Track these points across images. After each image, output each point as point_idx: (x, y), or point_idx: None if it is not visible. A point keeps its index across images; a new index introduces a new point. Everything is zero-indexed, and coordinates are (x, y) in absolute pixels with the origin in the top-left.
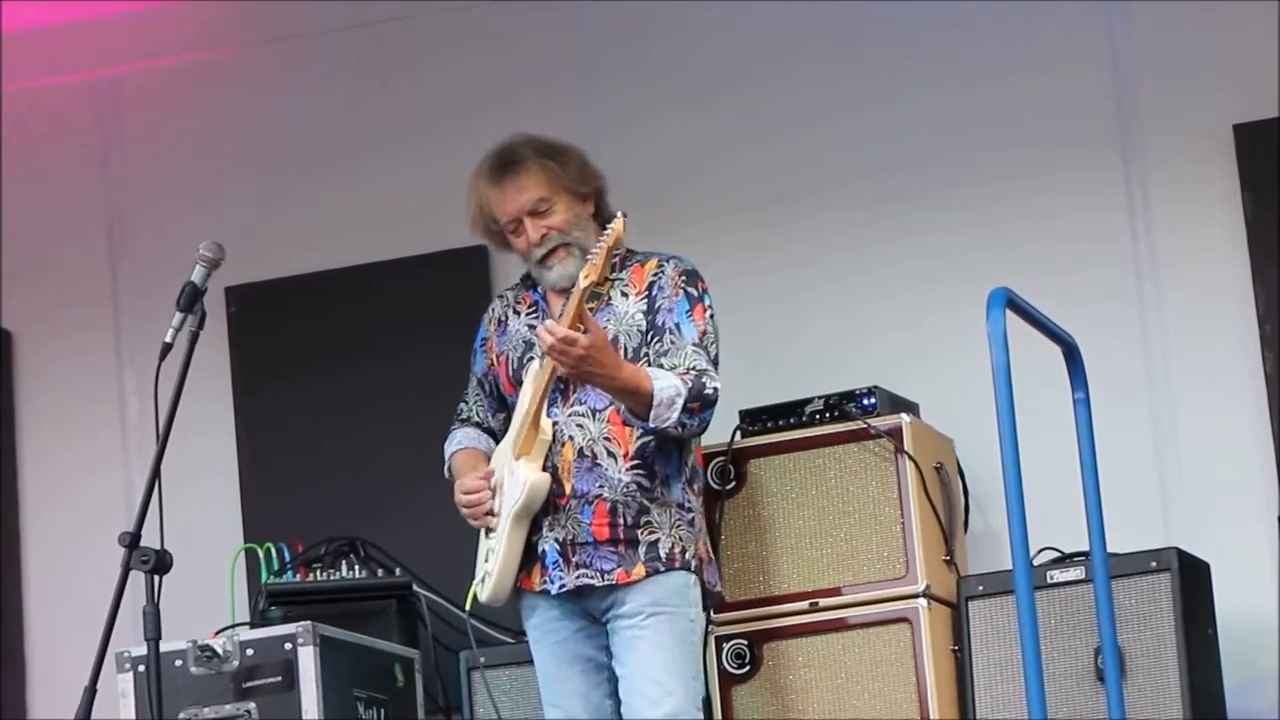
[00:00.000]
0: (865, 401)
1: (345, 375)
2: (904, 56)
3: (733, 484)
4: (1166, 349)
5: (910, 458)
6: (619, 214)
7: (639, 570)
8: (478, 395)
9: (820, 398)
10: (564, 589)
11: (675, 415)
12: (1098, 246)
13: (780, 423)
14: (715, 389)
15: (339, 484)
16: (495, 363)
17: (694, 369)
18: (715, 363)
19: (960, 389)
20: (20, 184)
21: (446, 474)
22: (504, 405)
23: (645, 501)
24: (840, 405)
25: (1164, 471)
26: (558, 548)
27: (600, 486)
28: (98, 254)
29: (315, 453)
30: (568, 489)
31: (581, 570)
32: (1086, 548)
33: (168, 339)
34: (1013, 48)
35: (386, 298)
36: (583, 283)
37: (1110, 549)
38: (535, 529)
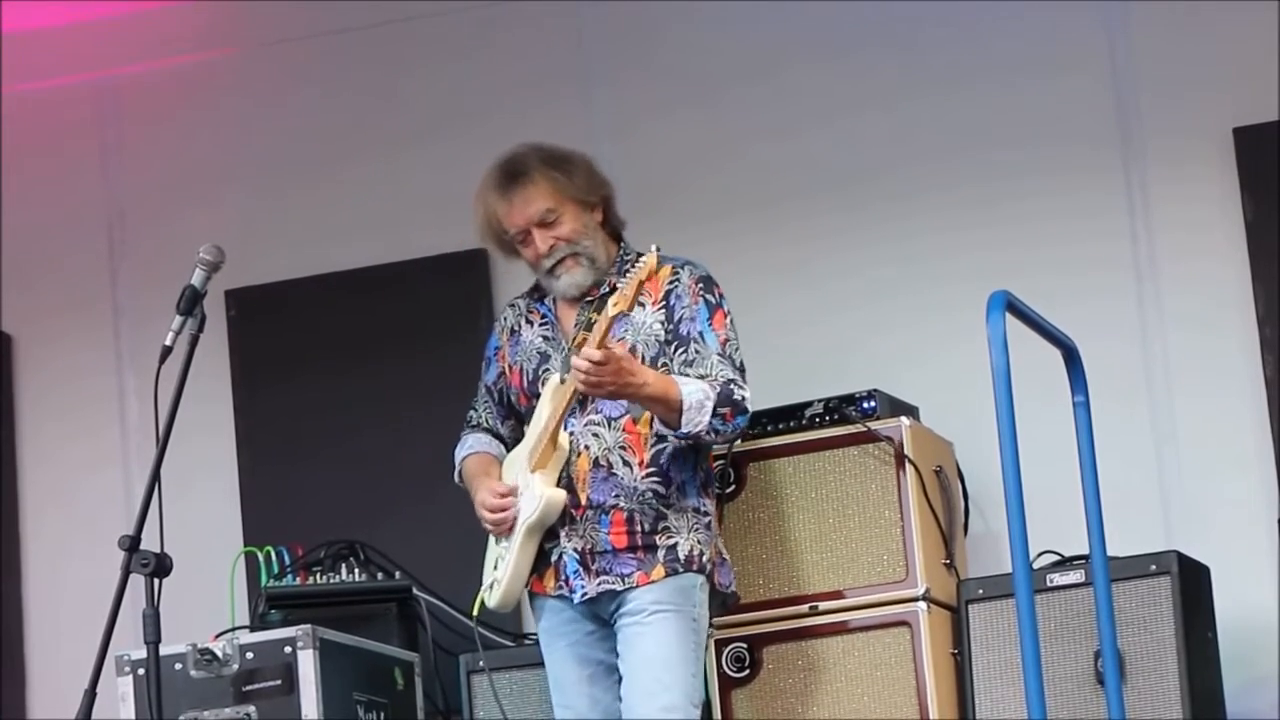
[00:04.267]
0: (865, 405)
1: (345, 378)
2: (904, 58)
3: (732, 487)
4: (1166, 351)
5: (910, 461)
6: (653, 247)
7: (658, 572)
8: (487, 402)
9: (820, 401)
10: (586, 597)
11: (706, 419)
12: (1097, 248)
13: (780, 426)
14: (744, 397)
15: (339, 487)
16: (508, 372)
17: (721, 377)
18: (742, 370)
19: (960, 392)
20: (20, 186)
21: (456, 479)
22: (513, 413)
23: (662, 508)
24: (840, 408)
25: (1164, 474)
26: (577, 557)
27: (616, 496)
28: (98, 256)
29: (315, 456)
30: (583, 499)
31: (602, 577)
32: (1086, 551)
33: (167, 342)
34: (1013, 49)
35: (387, 301)
36: (611, 311)
37: (1110, 552)
38: (550, 537)
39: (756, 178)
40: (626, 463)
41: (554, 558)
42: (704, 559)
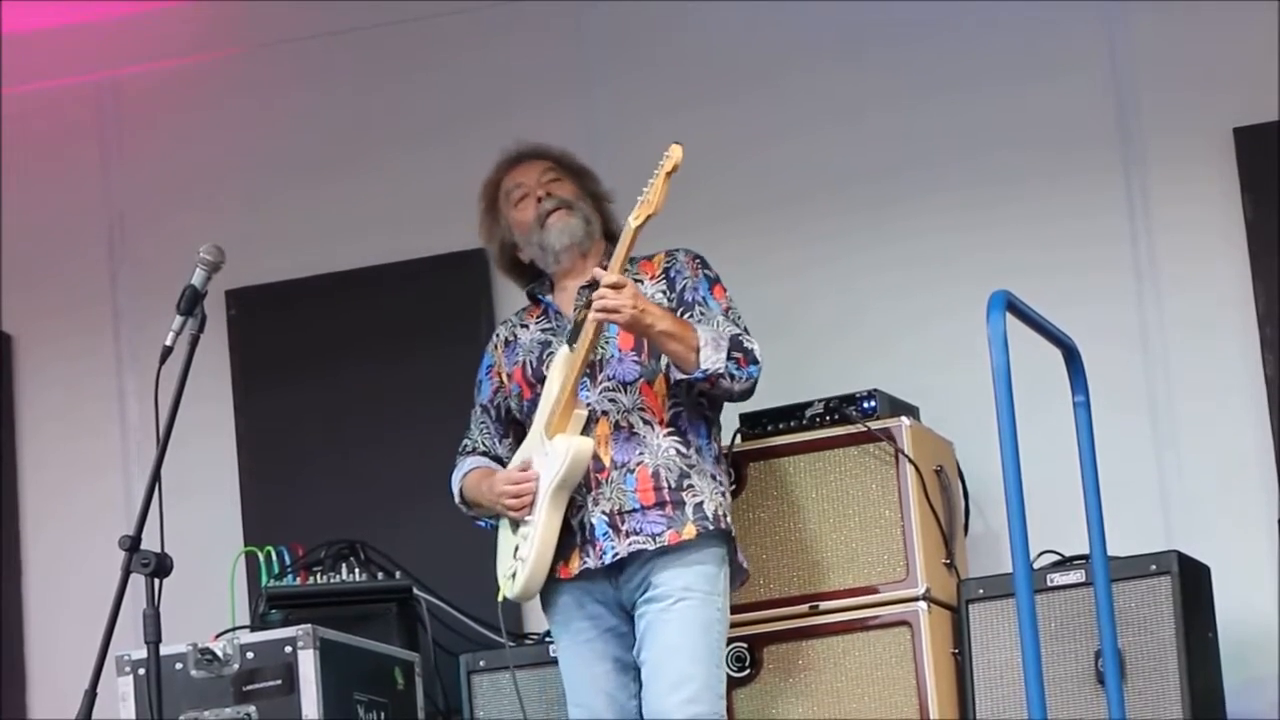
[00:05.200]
0: (865, 404)
1: (346, 378)
2: (904, 60)
3: (733, 487)
4: (1166, 351)
5: (910, 460)
6: (674, 142)
7: (690, 530)
8: (483, 424)
9: (820, 401)
10: (618, 557)
11: (723, 358)
12: (1098, 249)
13: (780, 426)
14: (755, 348)
15: (339, 487)
16: (506, 380)
17: (728, 331)
18: (746, 330)
19: (960, 392)
20: (20, 186)
21: (459, 501)
22: (511, 429)
23: (684, 466)
24: (840, 408)
25: (1164, 474)
26: (606, 519)
27: (640, 453)
28: (98, 256)
29: (315, 456)
30: (607, 461)
31: (633, 538)
32: (1087, 551)
33: (168, 342)
34: (1013, 51)
35: (387, 301)
36: (634, 224)
37: (1110, 552)
38: (576, 508)
39: (757, 179)
40: (647, 422)
41: (585, 527)
42: (729, 519)
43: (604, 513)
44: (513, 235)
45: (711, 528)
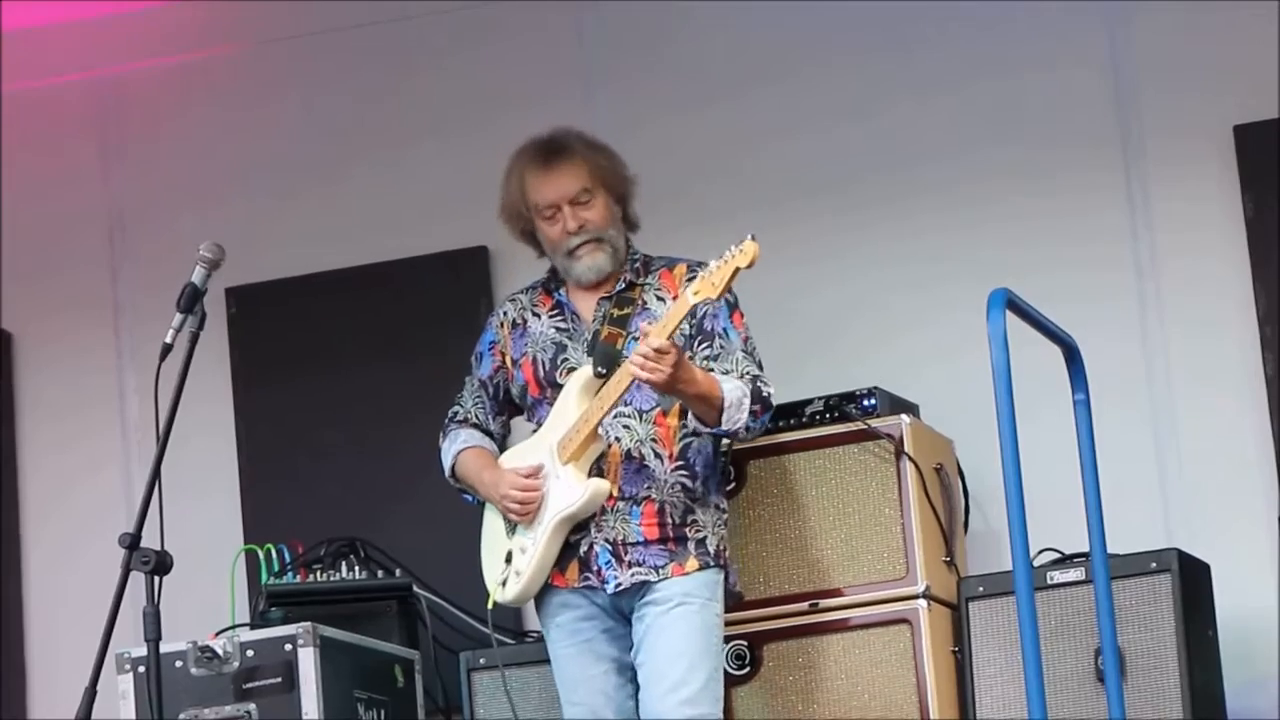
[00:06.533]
0: (865, 403)
1: (345, 376)
2: (904, 58)
3: (733, 485)
4: (1167, 350)
5: (910, 459)
6: (749, 236)
7: (692, 564)
8: (479, 398)
9: (820, 399)
10: (620, 588)
11: (745, 417)
12: (1098, 247)
13: (780, 424)
14: (771, 393)
15: (339, 485)
16: (511, 365)
17: (748, 374)
18: (761, 366)
19: (961, 390)
20: (20, 184)
21: (449, 474)
22: (506, 409)
23: (689, 501)
24: (840, 406)
25: (1164, 472)
26: (609, 548)
27: (648, 488)
28: (98, 254)
29: (315, 453)
30: (615, 491)
31: (635, 569)
32: (1087, 549)
33: (168, 340)
34: (1013, 48)
35: (387, 298)
36: (692, 300)
37: (1110, 550)
38: (578, 529)
39: (758, 178)
40: (658, 455)
41: (583, 549)
42: (726, 554)
43: (607, 541)
44: (534, 227)
45: (713, 563)
